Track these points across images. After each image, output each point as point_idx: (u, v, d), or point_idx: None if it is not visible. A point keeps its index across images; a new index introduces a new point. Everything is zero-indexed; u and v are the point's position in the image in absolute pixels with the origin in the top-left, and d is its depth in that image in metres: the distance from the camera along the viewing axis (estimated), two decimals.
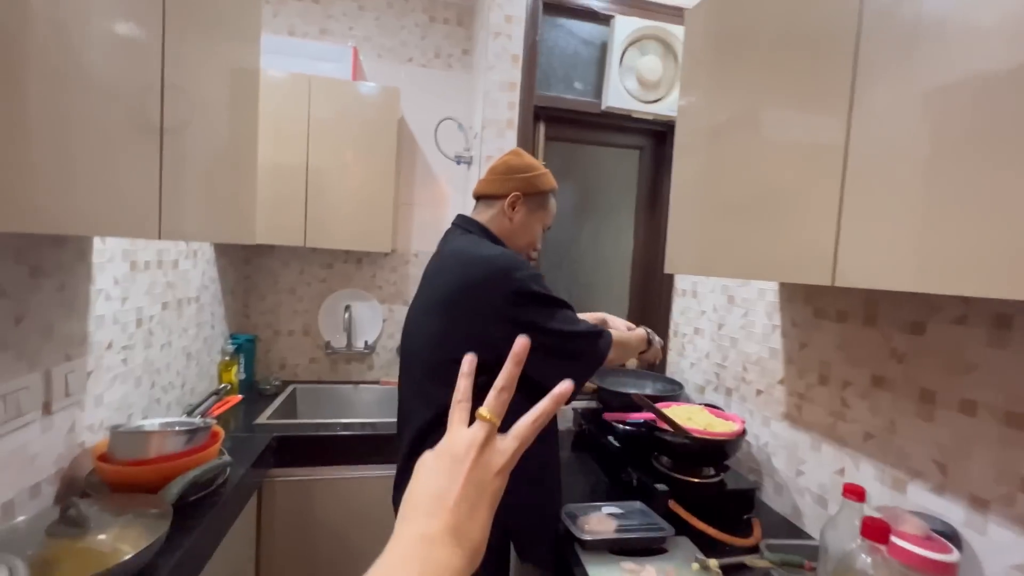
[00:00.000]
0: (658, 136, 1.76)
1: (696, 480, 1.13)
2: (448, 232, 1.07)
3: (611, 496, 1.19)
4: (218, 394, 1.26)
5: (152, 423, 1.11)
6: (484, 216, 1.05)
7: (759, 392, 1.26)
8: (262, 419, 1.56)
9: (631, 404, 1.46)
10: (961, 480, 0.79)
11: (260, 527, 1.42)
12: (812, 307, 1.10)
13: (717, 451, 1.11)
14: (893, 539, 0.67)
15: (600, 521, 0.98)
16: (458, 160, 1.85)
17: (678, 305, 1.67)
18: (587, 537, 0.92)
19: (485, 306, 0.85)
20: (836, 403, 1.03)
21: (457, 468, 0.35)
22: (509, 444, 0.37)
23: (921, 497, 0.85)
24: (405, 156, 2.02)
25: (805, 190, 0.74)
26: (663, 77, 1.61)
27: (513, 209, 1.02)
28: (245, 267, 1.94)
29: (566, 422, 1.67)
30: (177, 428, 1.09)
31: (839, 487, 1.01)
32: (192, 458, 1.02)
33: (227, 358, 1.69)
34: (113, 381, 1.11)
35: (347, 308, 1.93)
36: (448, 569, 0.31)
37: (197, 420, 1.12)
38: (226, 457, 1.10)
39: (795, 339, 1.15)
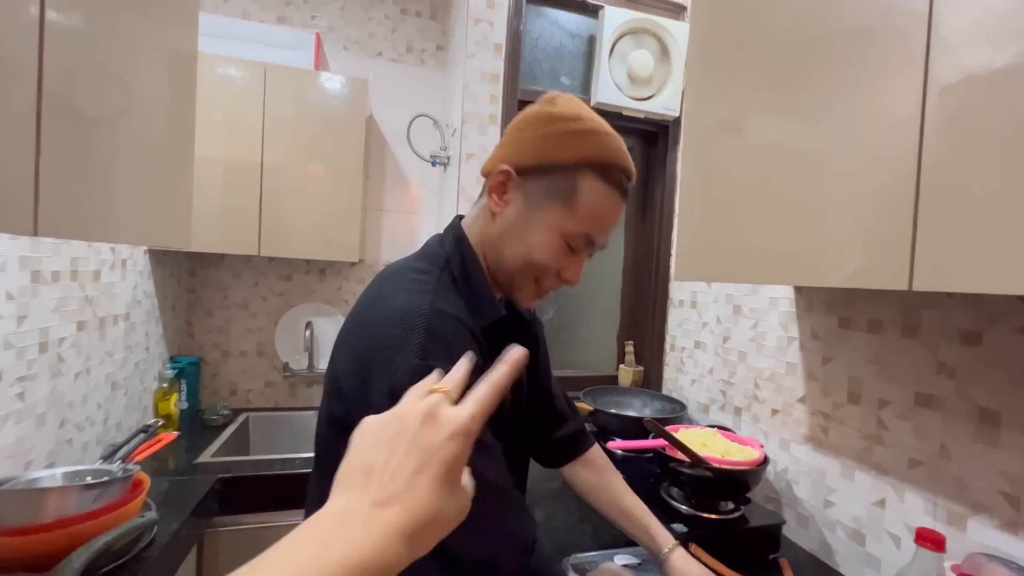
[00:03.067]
0: (648, 137, 1.65)
1: (715, 517, 0.99)
2: None
3: (619, 539, 1.03)
4: (147, 431, 1.04)
5: (52, 474, 0.88)
6: (471, 212, 0.68)
7: (775, 412, 1.14)
8: (205, 457, 1.33)
9: (634, 429, 1.32)
10: None
11: None
12: (837, 316, 0.99)
13: (739, 483, 0.98)
14: None
15: (615, 575, 0.82)
16: (433, 161, 1.70)
17: (675, 317, 1.55)
18: None
19: (362, 388, 0.53)
20: (871, 424, 0.91)
21: (399, 434, 0.29)
22: (464, 407, 0.31)
23: (986, 535, 0.73)
24: (374, 157, 1.85)
25: (868, 183, 0.62)
26: (655, 73, 1.51)
27: (501, 197, 0.61)
28: (189, 280, 1.70)
29: None
30: (88, 480, 0.87)
31: (879, 520, 0.89)
32: (104, 519, 0.80)
33: (165, 385, 1.46)
34: (5, 421, 0.89)
35: (308, 325, 1.72)
36: (363, 548, 0.25)
37: (114, 467, 0.90)
38: (151, 514, 0.89)
39: (817, 353, 1.03)
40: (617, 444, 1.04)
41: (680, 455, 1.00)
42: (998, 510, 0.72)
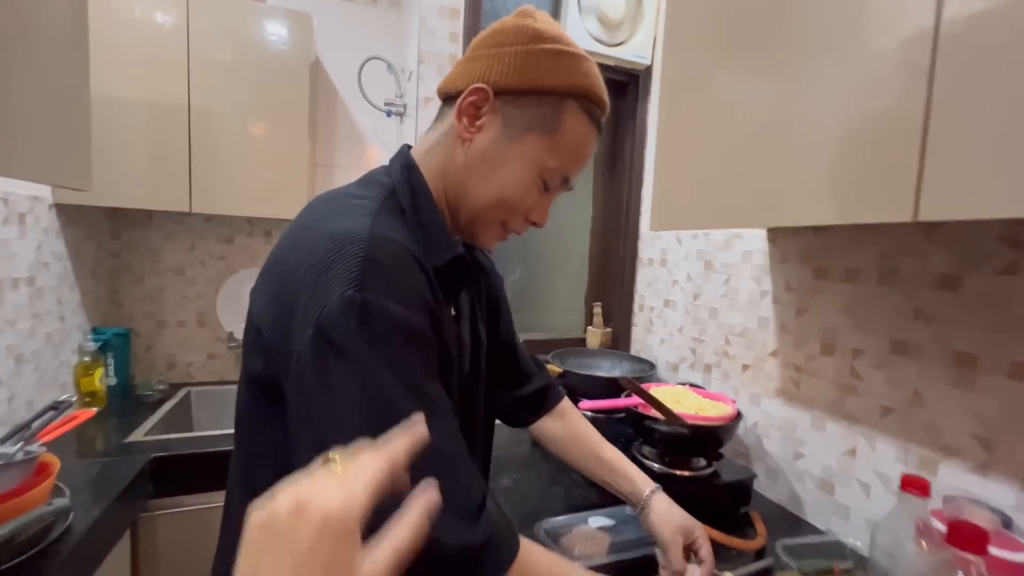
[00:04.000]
0: (617, 87, 1.57)
1: (688, 474, 0.96)
2: None
3: (590, 501, 1.00)
4: (57, 409, 0.90)
5: None
6: (426, 140, 0.57)
7: (746, 367, 1.12)
8: (138, 435, 1.20)
9: (604, 390, 1.29)
10: (1011, 456, 0.67)
11: None
12: (812, 267, 0.96)
13: (712, 438, 0.95)
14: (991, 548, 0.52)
15: (590, 538, 0.78)
16: (388, 111, 1.56)
17: (644, 276, 1.51)
18: (580, 564, 0.72)
19: (282, 333, 0.43)
20: (844, 375, 0.90)
21: (270, 541, 0.23)
22: (341, 491, 0.24)
23: (956, 478, 0.73)
24: (324, 108, 1.68)
25: (870, 108, 0.57)
26: (626, 17, 1.42)
27: (473, 121, 0.52)
28: (112, 242, 1.51)
29: None
30: None
31: (850, 470, 0.89)
32: (2, 508, 0.69)
33: (87, 359, 1.30)
34: None
35: None
36: None
37: (12, 450, 0.77)
38: (62, 500, 0.77)
39: (790, 305, 1.01)
40: (588, 404, 0.99)
41: (654, 412, 0.96)
42: (969, 453, 0.71)
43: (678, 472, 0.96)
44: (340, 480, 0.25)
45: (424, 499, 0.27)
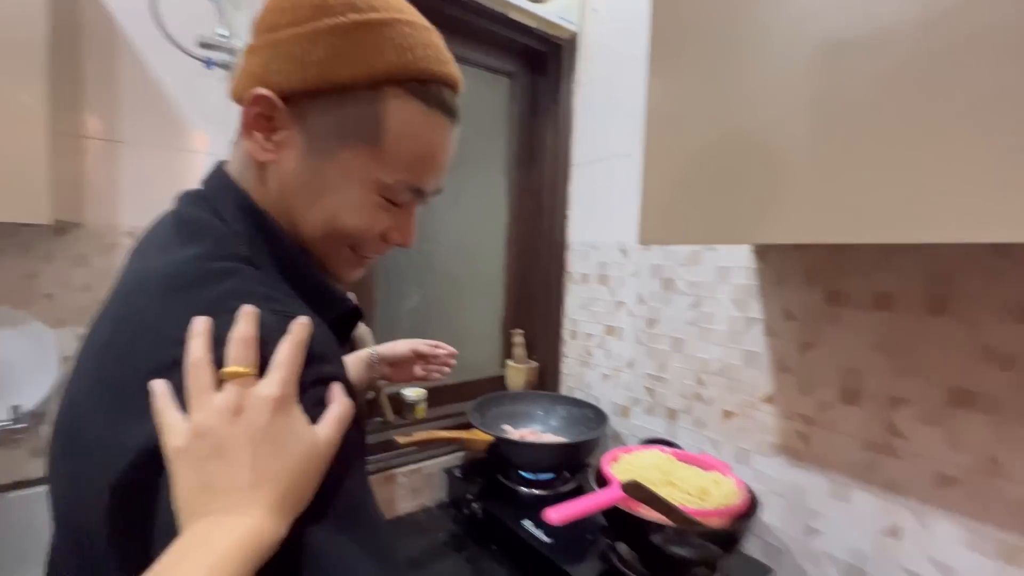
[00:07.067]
0: (534, 60, 1.26)
1: None
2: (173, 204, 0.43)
3: None
4: None
5: None
6: (235, 156, 0.42)
7: (728, 415, 0.89)
8: None
9: (551, 460, 0.96)
10: None
11: None
12: (823, 290, 0.75)
13: (728, 542, 0.68)
14: None
15: None
16: (208, 60, 1.03)
17: (576, 296, 1.22)
18: None
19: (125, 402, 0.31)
20: (878, 430, 0.69)
21: (219, 449, 0.27)
22: (271, 379, 0.28)
23: None
24: (96, 55, 1.07)
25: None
26: None
27: (268, 136, 0.38)
28: None
29: (436, 496, 1.06)
30: None
31: (891, 553, 0.68)
32: None
33: None
34: None
35: None
36: (238, 540, 0.24)
37: None
38: None
39: (792, 338, 0.79)
40: (560, 513, 0.64)
41: (645, 509, 0.66)
42: None
43: None
44: (264, 380, 0.29)
45: (337, 388, 0.32)
